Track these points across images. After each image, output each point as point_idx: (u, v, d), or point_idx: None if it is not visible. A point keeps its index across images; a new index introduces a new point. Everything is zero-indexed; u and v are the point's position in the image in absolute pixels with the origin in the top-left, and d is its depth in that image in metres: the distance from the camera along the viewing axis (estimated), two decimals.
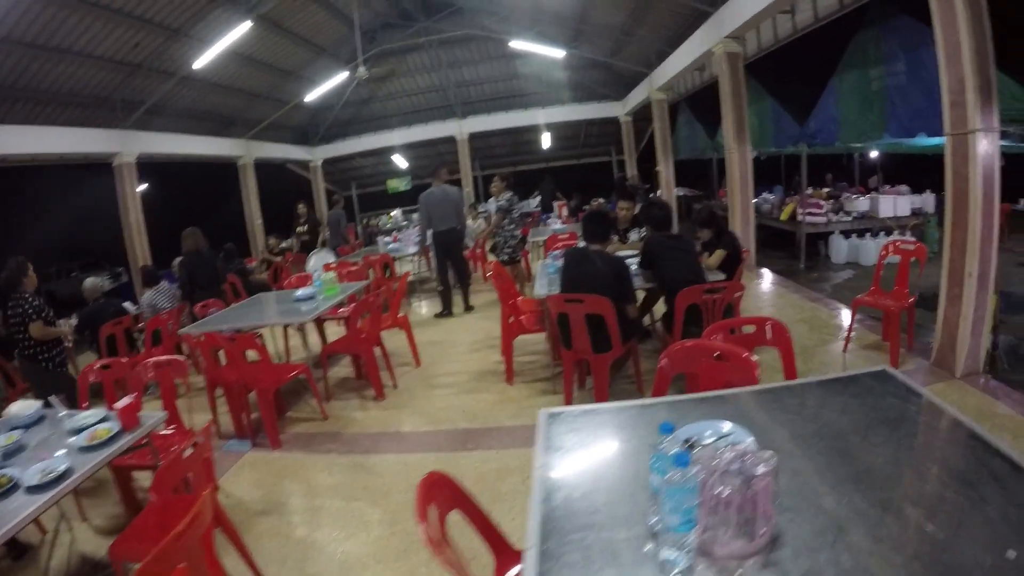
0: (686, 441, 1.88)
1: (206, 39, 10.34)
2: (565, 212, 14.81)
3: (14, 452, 3.41)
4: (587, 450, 2.19)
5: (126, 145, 11.94)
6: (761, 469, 1.44)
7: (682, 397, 2.62)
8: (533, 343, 6.24)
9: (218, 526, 2.99)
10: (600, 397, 4.51)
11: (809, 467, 1.86)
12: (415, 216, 16.06)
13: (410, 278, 9.92)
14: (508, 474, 4.05)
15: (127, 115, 11.77)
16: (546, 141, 19.23)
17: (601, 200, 13.83)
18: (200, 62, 10.31)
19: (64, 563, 3.89)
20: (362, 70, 11.79)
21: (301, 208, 9.35)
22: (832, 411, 2.22)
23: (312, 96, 14.11)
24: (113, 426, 3.34)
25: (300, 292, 6.13)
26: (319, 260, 8.79)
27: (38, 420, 3.95)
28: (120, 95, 11.42)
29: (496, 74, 17.59)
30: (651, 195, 13.64)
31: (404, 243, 10.66)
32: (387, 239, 11.25)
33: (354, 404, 5.74)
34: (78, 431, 3.41)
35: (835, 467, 1.84)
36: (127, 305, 8.44)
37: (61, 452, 3.12)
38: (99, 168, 12.25)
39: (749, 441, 1.86)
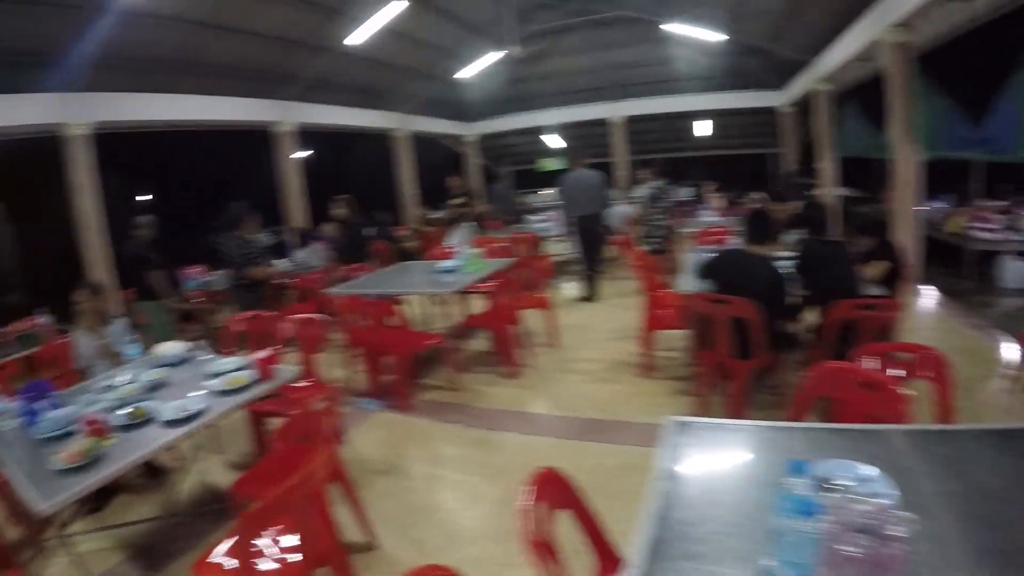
0: (818, 481, 1.70)
1: (361, 17, 10.62)
2: (718, 203, 14.27)
3: (157, 387, 3.75)
4: (710, 469, 2.11)
5: (286, 115, 12.69)
6: (898, 532, 1.29)
7: (821, 425, 2.46)
8: (674, 338, 6.01)
9: (335, 480, 3.17)
10: (735, 408, 4.29)
11: (950, 533, 1.61)
12: None
13: (557, 259, 9.91)
14: (628, 472, 3.95)
15: (287, 87, 12.48)
16: (700, 129, 18.57)
17: (762, 194, 13.15)
18: (353, 39, 10.57)
19: (193, 488, 4.28)
20: (516, 48, 11.82)
21: (455, 181, 9.42)
22: (987, 467, 1.93)
23: (465, 74, 14.32)
24: (251, 374, 3.58)
25: (444, 264, 6.29)
26: (463, 234, 8.83)
27: (183, 360, 4.31)
28: (280, 69, 12.04)
29: (650, 57, 16.93)
30: (809, 194, 12.88)
31: (553, 223, 10.63)
32: (536, 218, 11.28)
33: (487, 379, 5.83)
34: (218, 375, 3.67)
35: (980, 537, 1.59)
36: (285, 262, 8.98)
37: (199, 393, 3.36)
38: (261, 136, 13.03)
39: (892, 496, 1.65)
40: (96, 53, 8.73)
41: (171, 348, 4.39)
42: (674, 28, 13.00)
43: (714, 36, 12.86)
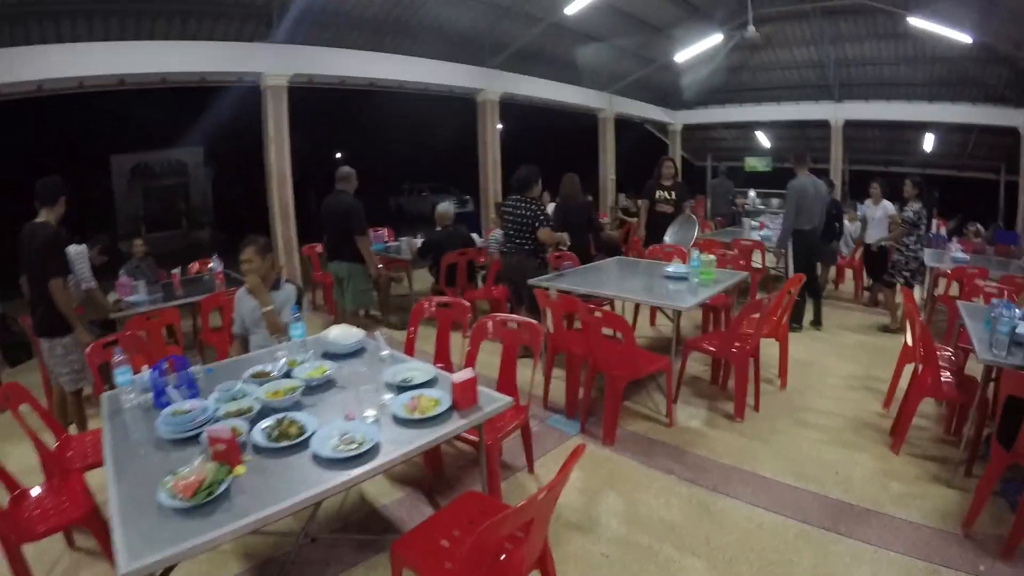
0: None
1: None
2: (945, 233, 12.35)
3: (320, 388, 3.07)
4: None
5: (490, 83, 12.24)
6: None
7: None
8: (925, 403, 4.86)
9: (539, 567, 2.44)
10: (1014, 539, 3.18)
11: None
12: (775, 202, 14.74)
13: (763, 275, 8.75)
14: None
15: (494, 55, 12.00)
16: (928, 143, 16.40)
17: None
18: (571, 8, 9.97)
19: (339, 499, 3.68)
20: (751, 29, 10.65)
21: (669, 167, 8.15)
22: None
23: (682, 56, 13.27)
24: (442, 398, 2.78)
25: (671, 268, 5.47)
26: (685, 232, 7.76)
27: (356, 352, 3.64)
28: (489, 36, 11.62)
29: (883, 55, 14.88)
30: None
31: (772, 232, 9.17)
32: (754, 223, 10.12)
33: (703, 415, 4.94)
34: (399, 388, 2.96)
35: None
36: (474, 236, 8.34)
37: (371, 414, 2.65)
38: (456, 101, 12.67)
39: None
40: (302, 5, 8.60)
41: (345, 334, 3.71)
42: (921, 24, 11.23)
43: (963, 37, 11.09)
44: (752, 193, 16.78)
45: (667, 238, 7.54)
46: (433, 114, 18.17)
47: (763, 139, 18.35)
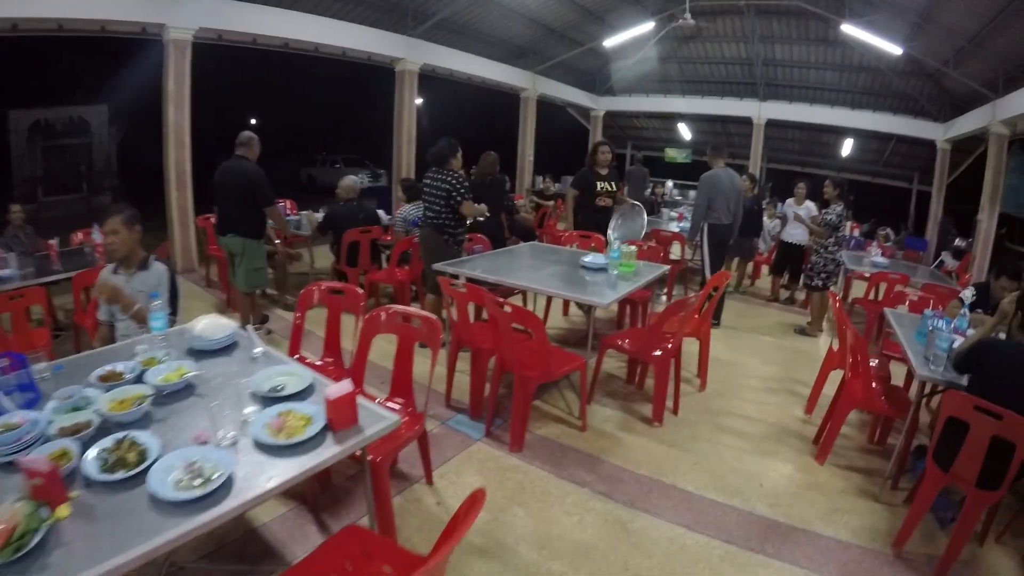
0: None
1: None
2: (859, 235, 12.46)
3: (176, 396, 2.46)
4: None
5: (411, 52, 11.59)
6: None
7: None
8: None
9: None
10: (955, 545, 2.99)
11: None
12: (692, 194, 14.51)
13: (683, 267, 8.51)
14: None
15: (417, 24, 11.35)
16: (846, 148, 16.62)
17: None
18: None
19: (223, 535, 3.04)
20: (688, 15, 10.41)
21: (605, 152, 7.23)
22: None
23: (611, 42, 12.99)
24: (315, 415, 2.23)
25: (589, 259, 4.99)
26: (631, 225, 7.24)
27: (227, 348, 3.04)
28: (411, 2, 10.99)
29: (810, 59, 14.91)
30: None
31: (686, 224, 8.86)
32: (672, 214, 9.82)
33: (619, 418, 4.50)
34: (266, 399, 2.42)
35: None
36: (380, 214, 7.75)
37: (230, 436, 2.09)
38: (378, 71, 12.01)
39: None
40: None
41: (213, 327, 3.08)
42: (853, 32, 11.24)
43: (890, 47, 11.17)
44: (670, 183, 16.62)
45: (611, 232, 6.90)
46: (353, 83, 17.37)
47: (685, 131, 18.26)
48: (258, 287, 6.09)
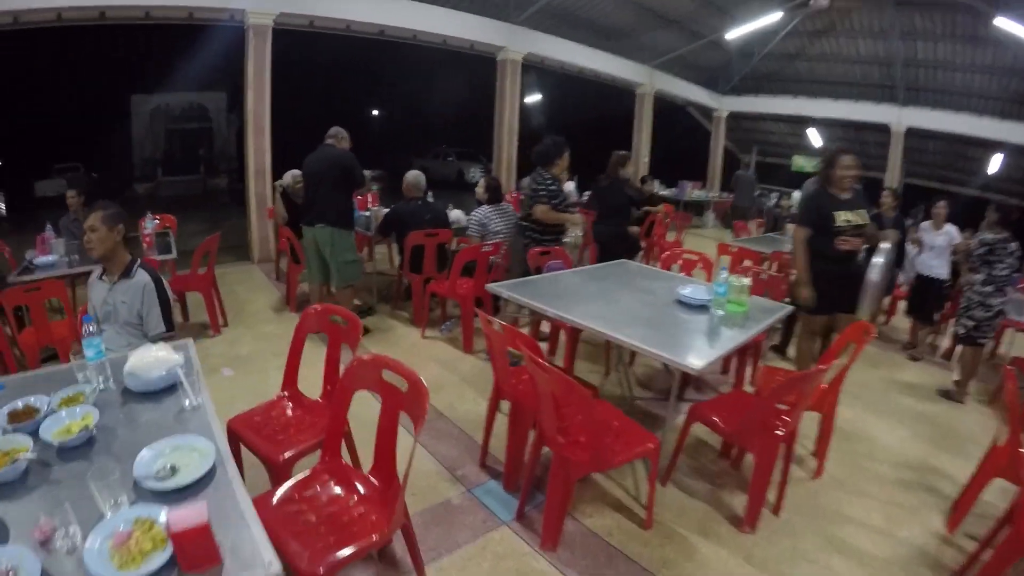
0: None
1: None
2: None
3: (71, 454, 1.92)
4: None
5: (513, 41, 10.62)
6: None
7: None
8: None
9: None
10: None
11: None
12: None
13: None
14: None
15: (519, 11, 10.36)
16: (994, 164, 14.11)
17: None
18: None
19: None
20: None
21: (849, 166, 5.23)
22: None
23: (735, 34, 11.64)
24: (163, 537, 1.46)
25: (688, 291, 3.72)
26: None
27: (161, 391, 2.34)
28: None
29: (956, 59, 12.74)
30: None
31: None
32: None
33: (699, 512, 3.21)
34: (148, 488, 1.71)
35: None
36: (457, 215, 6.79)
37: (70, 541, 1.48)
38: (489, 62, 11.07)
39: None
40: None
41: (147, 363, 2.31)
42: (1006, 24, 9.36)
43: None
44: (796, 194, 14.59)
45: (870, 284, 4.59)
46: (468, 74, 16.50)
47: (815, 137, 16.29)
48: (353, 281, 5.49)
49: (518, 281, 4.17)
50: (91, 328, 2.36)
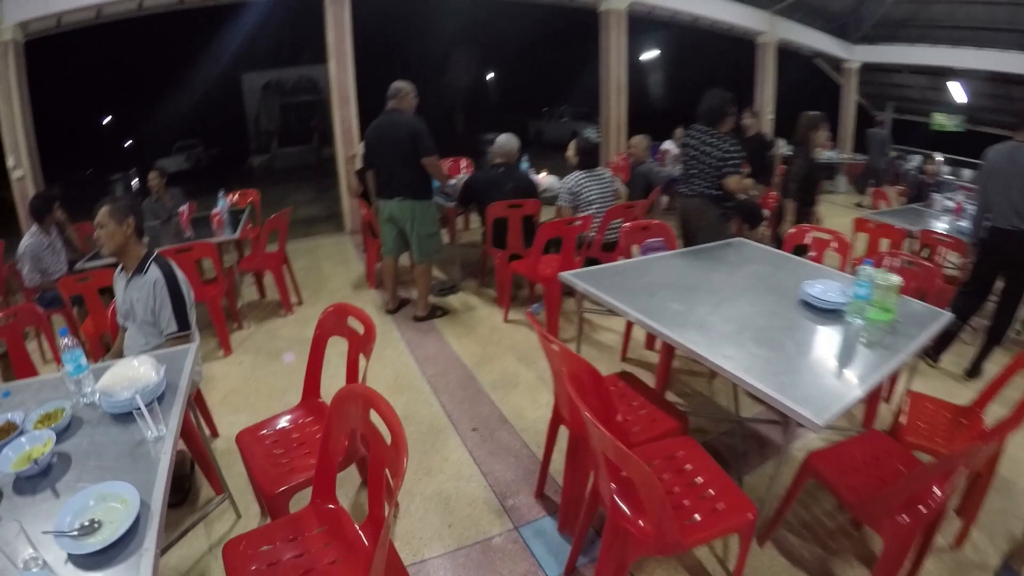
0: None
1: None
2: None
3: (23, 486, 1.68)
4: None
5: None
6: None
7: None
8: None
9: None
10: None
11: None
12: (966, 174, 10.86)
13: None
14: None
15: None
16: None
17: None
18: None
19: None
20: None
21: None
22: None
23: None
24: None
25: (818, 289, 2.76)
26: None
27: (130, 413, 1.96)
28: None
29: None
30: None
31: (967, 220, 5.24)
32: (948, 202, 6.03)
33: None
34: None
35: None
36: (550, 181, 6.04)
37: None
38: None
39: None
40: None
41: (120, 381, 2.04)
42: None
43: None
44: (939, 157, 12.36)
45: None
46: (580, 29, 15.61)
47: (957, 92, 14.04)
48: (436, 255, 5.01)
49: (600, 269, 3.40)
50: (68, 342, 2.09)
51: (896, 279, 2.49)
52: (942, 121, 14.61)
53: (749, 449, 3.19)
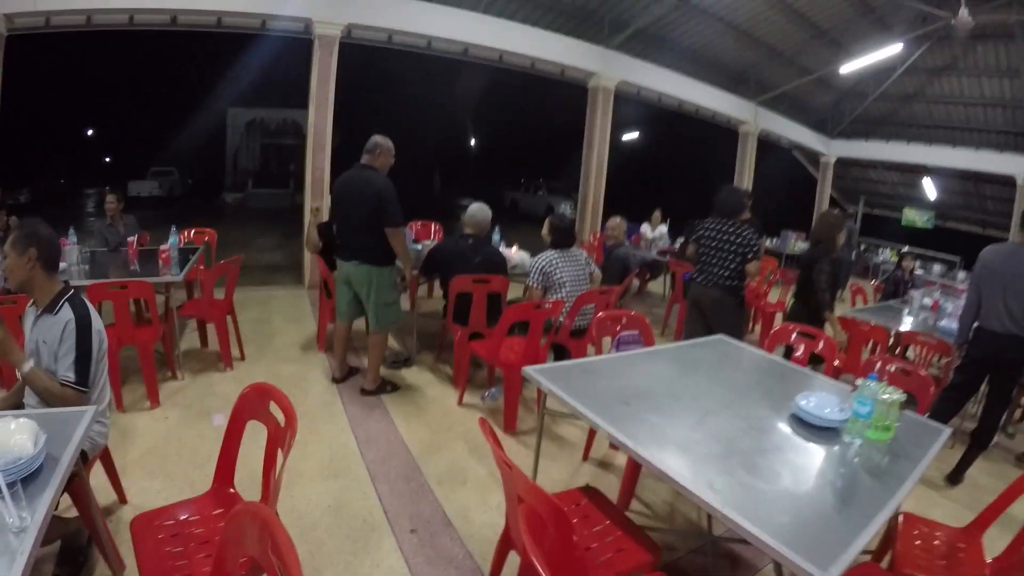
0: None
1: None
2: None
3: None
4: None
5: (607, 67, 9.57)
6: None
7: None
8: None
9: None
10: None
11: None
12: (936, 269, 10.76)
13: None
14: None
15: (613, 33, 9.40)
16: None
17: None
18: None
19: None
20: (963, 13, 7.60)
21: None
22: None
23: (849, 68, 10.16)
24: None
25: (811, 402, 2.42)
26: None
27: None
28: (609, 11, 9.16)
29: None
30: None
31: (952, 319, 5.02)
32: (925, 300, 5.75)
33: None
34: None
35: None
36: (521, 257, 5.71)
37: None
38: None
39: None
40: None
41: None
42: None
43: None
44: (905, 249, 12.25)
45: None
46: (567, 103, 15.70)
47: (929, 188, 14.36)
48: (392, 325, 4.60)
49: (569, 365, 3.04)
50: None
51: (899, 396, 2.21)
52: (912, 216, 14.97)
53: (721, 570, 2.80)
